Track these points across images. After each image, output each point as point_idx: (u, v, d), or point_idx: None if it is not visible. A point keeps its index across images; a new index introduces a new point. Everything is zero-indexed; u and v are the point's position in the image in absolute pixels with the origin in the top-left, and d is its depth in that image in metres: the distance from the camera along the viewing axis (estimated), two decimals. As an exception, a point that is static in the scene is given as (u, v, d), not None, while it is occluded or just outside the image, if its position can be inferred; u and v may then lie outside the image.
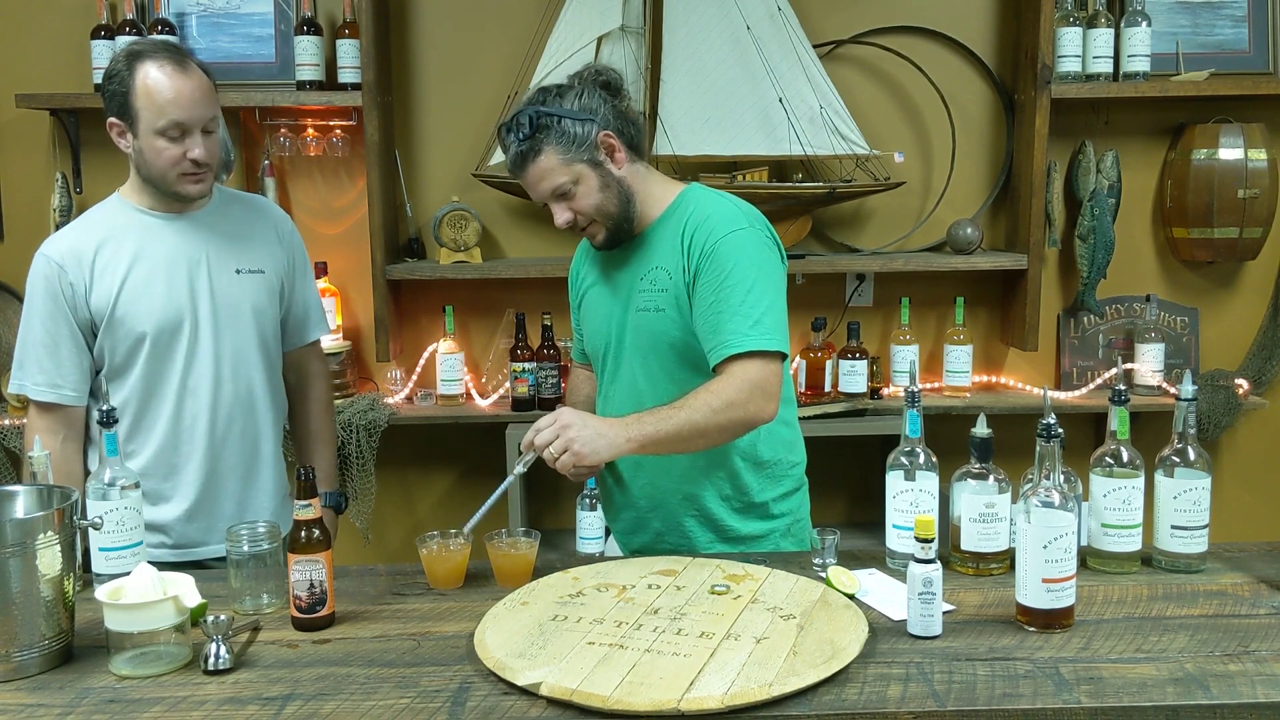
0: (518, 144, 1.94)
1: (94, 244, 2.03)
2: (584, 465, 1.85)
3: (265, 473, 2.19)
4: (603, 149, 1.96)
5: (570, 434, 1.82)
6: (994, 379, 3.34)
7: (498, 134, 2.01)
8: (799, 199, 3.09)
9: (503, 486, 1.92)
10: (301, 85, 3.08)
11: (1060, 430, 1.64)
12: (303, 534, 1.64)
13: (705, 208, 1.99)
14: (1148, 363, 3.21)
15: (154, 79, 1.95)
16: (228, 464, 2.12)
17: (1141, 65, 3.10)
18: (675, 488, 2.04)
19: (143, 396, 2.06)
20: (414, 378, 3.28)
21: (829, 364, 3.17)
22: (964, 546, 1.81)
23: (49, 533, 1.53)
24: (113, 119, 2.00)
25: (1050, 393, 2.69)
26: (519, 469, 1.92)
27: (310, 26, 3.08)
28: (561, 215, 1.98)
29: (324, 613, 1.65)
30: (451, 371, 3.18)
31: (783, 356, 1.93)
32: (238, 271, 2.12)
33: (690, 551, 2.02)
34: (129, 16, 3.05)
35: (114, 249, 2.03)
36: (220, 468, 2.11)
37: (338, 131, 3.20)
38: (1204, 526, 1.82)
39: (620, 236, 2.02)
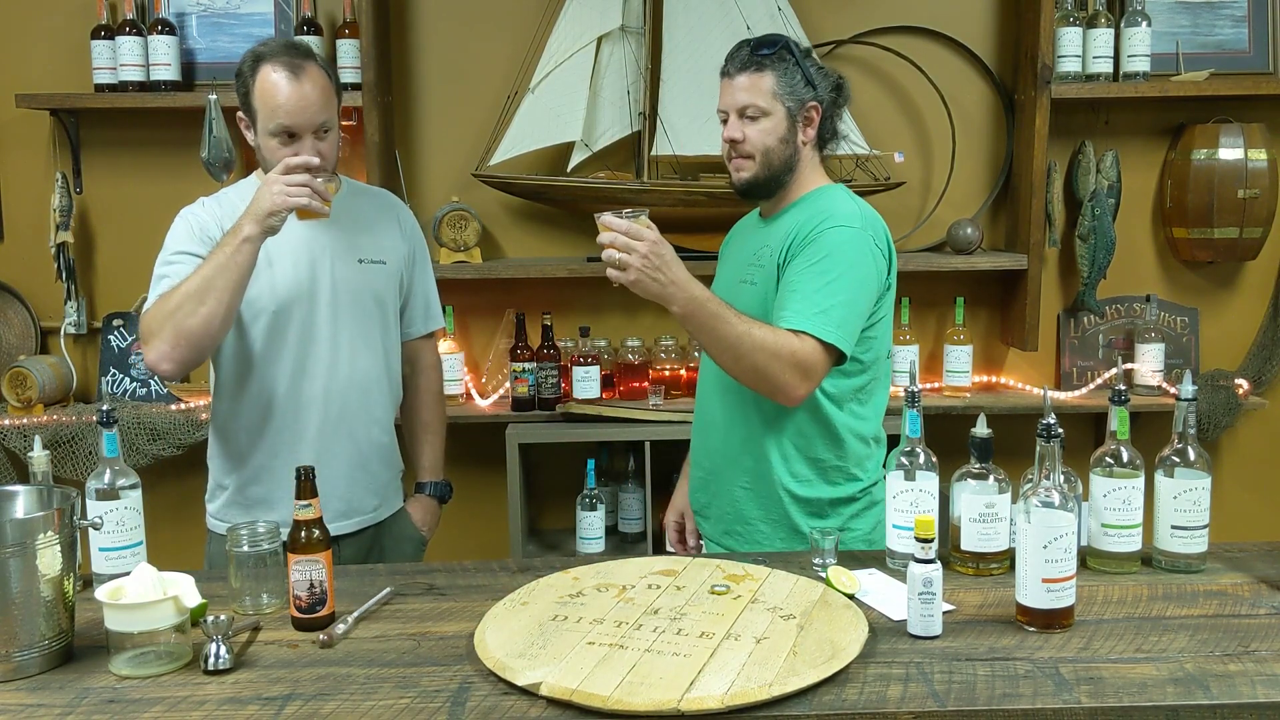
0: (753, 51, 2.03)
1: (231, 217, 2.03)
2: (627, 287, 1.85)
3: (375, 458, 2.22)
4: (803, 115, 2.06)
5: (648, 264, 1.82)
6: (994, 379, 3.34)
7: (740, 47, 2.07)
8: (799, 199, 3.09)
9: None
10: (302, 85, 3.08)
11: (1060, 430, 1.64)
12: (303, 534, 1.64)
13: (831, 203, 2.04)
14: (1148, 363, 3.20)
15: (269, 82, 2.00)
16: (340, 447, 2.15)
17: (1141, 65, 3.09)
18: (734, 456, 2.09)
19: (250, 372, 2.09)
20: (414, 378, 3.28)
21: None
22: (964, 546, 1.81)
23: (49, 533, 1.53)
24: (240, 114, 2.08)
25: (1050, 393, 2.69)
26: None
27: (310, 26, 3.08)
28: (734, 130, 2.05)
29: (324, 613, 1.65)
30: (452, 371, 3.17)
31: (839, 355, 1.94)
32: (360, 261, 2.16)
33: (740, 521, 2.10)
34: (129, 16, 3.05)
35: None
36: (332, 450, 2.13)
37: (338, 131, 3.20)
38: (1204, 526, 1.82)
39: (760, 188, 2.08)
